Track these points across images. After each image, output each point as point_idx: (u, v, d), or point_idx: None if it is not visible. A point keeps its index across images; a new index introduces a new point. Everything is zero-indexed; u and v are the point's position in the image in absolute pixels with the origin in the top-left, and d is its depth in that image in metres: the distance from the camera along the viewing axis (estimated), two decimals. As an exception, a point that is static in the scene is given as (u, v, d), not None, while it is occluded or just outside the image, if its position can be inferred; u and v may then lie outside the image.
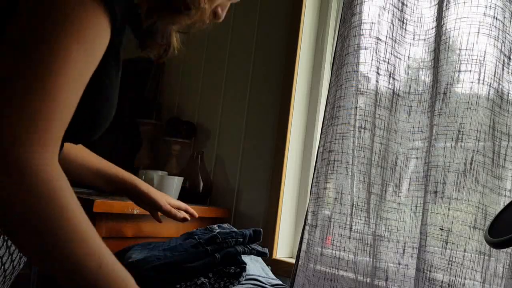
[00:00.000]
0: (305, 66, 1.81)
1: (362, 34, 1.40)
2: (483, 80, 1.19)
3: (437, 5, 1.32)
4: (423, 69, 1.36)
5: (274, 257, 1.71)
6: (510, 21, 1.21)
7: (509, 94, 1.21)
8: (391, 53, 1.38)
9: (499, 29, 1.19)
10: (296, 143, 1.79)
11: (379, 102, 1.37)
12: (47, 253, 0.60)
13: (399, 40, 1.38)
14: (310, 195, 1.51)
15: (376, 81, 1.38)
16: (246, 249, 1.30)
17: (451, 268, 1.17)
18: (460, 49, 1.23)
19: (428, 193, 1.23)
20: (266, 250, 1.38)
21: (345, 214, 1.38)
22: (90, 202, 1.36)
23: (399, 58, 1.38)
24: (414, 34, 1.38)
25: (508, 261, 1.15)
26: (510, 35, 1.21)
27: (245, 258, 1.29)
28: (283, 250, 1.76)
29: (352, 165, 1.39)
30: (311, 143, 1.81)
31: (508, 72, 1.20)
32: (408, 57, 1.39)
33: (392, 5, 1.37)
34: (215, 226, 1.41)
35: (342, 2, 1.53)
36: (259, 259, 1.41)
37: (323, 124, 1.51)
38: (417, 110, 1.36)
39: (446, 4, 1.27)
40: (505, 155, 1.19)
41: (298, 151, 1.81)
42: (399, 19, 1.38)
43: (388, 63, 1.38)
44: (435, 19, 1.32)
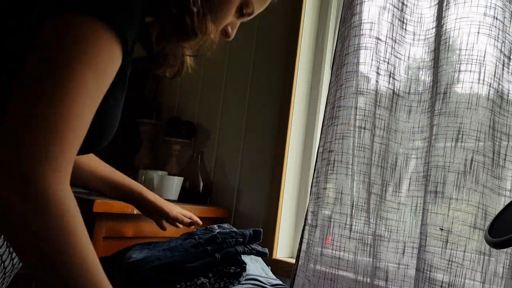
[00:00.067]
0: (305, 66, 1.81)
1: (362, 34, 1.40)
2: (483, 80, 1.19)
3: (437, 5, 1.32)
4: (423, 69, 1.36)
5: (274, 257, 1.71)
6: (510, 21, 1.20)
7: (509, 94, 1.21)
8: (391, 53, 1.38)
9: (499, 29, 1.19)
10: (296, 143, 1.79)
11: (379, 102, 1.37)
12: (47, 272, 0.62)
13: (399, 40, 1.38)
14: (310, 195, 1.51)
15: (376, 81, 1.38)
16: (246, 249, 1.30)
17: (451, 268, 1.17)
18: (460, 49, 1.23)
19: (428, 193, 1.23)
20: (266, 250, 1.38)
21: (345, 214, 1.38)
22: (90, 202, 1.36)
23: (399, 58, 1.38)
24: (414, 34, 1.38)
25: (508, 261, 1.15)
26: (510, 35, 1.21)
27: (245, 258, 1.29)
28: (283, 250, 1.76)
29: (352, 165, 1.39)
30: (311, 143, 1.81)
31: (508, 72, 1.20)
32: (408, 57, 1.38)
33: (392, 5, 1.37)
34: (215, 226, 1.41)
35: (342, 2, 1.53)
36: (259, 259, 1.41)
37: (323, 124, 1.51)
38: (417, 110, 1.35)
39: (446, 4, 1.27)
40: (505, 155, 1.19)
41: (298, 151, 1.80)
42: (399, 19, 1.38)
43: (388, 63, 1.38)
44: (435, 19, 1.32)
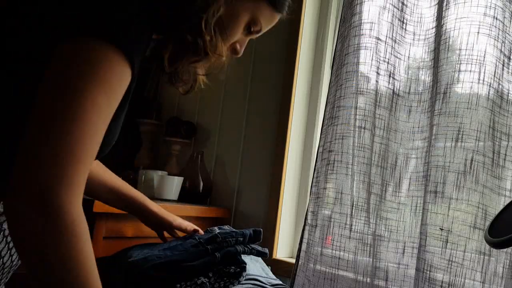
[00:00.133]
0: (305, 66, 1.81)
1: (362, 34, 1.40)
2: (483, 80, 1.19)
3: (437, 5, 1.32)
4: (423, 69, 1.36)
5: (274, 257, 1.71)
6: (510, 21, 1.20)
7: (509, 94, 1.21)
8: (391, 53, 1.38)
9: (499, 29, 1.19)
10: (296, 143, 1.79)
11: (379, 102, 1.37)
12: (51, 285, 0.64)
13: (399, 40, 1.38)
14: (310, 195, 1.51)
15: (376, 81, 1.38)
16: (246, 248, 1.30)
17: (451, 268, 1.17)
18: (460, 49, 1.23)
19: (428, 193, 1.23)
20: (266, 250, 1.38)
21: (345, 214, 1.38)
22: (90, 202, 1.36)
23: (399, 58, 1.38)
24: (414, 34, 1.38)
25: (508, 261, 1.15)
26: (510, 35, 1.21)
27: (245, 258, 1.29)
28: (283, 250, 1.76)
29: (352, 165, 1.39)
30: (311, 143, 1.81)
31: (508, 72, 1.20)
32: (408, 57, 1.38)
33: (392, 5, 1.37)
34: (215, 228, 1.41)
35: (342, 2, 1.53)
36: (259, 259, 1.41)
37: (323, 124, 1.51)
38: (417, 110, 1.35)
39: (446, 4, 1.27)
40: (505, 155, 1.19)
41: (298, 151, 1.80)
42: (399, 19, 1.38)
43: (388, 63, 1.38)
44: (435, 19, 1.32)
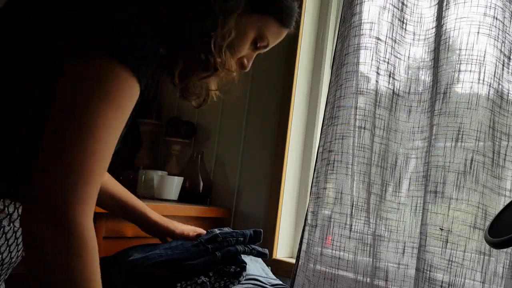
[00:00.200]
0: (305, 66, 1.81)
1: (362, 34, 1.40)
2: (483, 80, 1.19)
3: (437, 5, 1.32)
4: (423, 69, 1.36)
5: (274, 257, 1.71)
6: (510, 21, 1.21)
7: (509, 94, 1.21)
8: (391, 53, 1.38)
9: (499, 29, 1.19)
10: (296, 143, 1.79)
11: (379, 102, 1.37)
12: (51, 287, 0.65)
13: (399, 40, 1.38)
14: (310, 195, 1.51)
15: (376, 81, 1.38)
16: (246, 249, 1.30)
17: (451, 268, 1.17)
18: (460, 49, 1.23)
19: (428, 193, 1.23)
20: (266, 251, 1.37)
21: (345, 214, 1.38)
22: (90, 202, 1.36)
23: (399, 58, 1.38)
24: (414, 34, 1.38)
25: (508, 261, 1.15)
26: (510, 35, 1.21)
27: (245, 258, 1.29)
28: (283, 250, 1.76)
29: (352, 165, 1.39)
30: (311, 143, 1.81)
31: (508, 72, 1.20)
32: (408, 57, 1.38)
33: (392, 5, 1.37)
34: (216, 230, 1.41)
35: (342, 2, 1.53)
36: (259, 259, 1.41)
37: (323, 124, 1.51)
38: (417, 110, 1.35)
39: (446, 4, 1.27)
40: (505, 155, 1.19)
41: (298, 151, 1.80)
42: (399, 19, 1.38)
43: (388, 63, 1.38)
44: (435, 19, 1.32)
